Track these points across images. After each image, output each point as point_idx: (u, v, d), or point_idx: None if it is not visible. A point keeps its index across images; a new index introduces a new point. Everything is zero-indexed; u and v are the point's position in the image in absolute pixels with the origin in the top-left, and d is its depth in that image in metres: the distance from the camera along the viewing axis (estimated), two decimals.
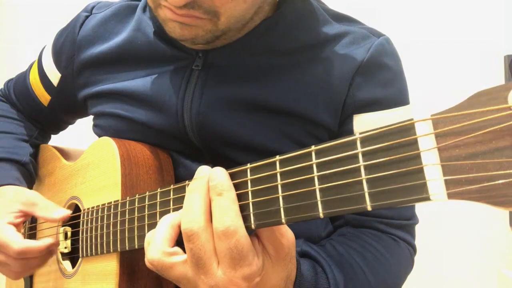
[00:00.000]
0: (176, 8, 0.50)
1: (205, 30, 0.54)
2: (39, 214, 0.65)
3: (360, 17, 0.68)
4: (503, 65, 1.46)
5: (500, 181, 0.24)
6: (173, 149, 0.66)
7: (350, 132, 0.61)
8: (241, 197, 0.39)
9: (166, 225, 0.43)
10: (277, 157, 0.36)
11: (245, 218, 0.38)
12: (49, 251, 0.65)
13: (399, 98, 0.63)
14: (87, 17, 0.73)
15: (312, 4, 0.65)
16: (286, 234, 0.41)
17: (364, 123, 0.61)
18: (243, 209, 0.39)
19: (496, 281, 1.43)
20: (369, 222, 0.61)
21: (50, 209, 0.65)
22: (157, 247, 0.42)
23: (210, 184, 0.40)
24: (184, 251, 0.42)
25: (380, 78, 0.62)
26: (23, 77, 0.84)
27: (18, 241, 0.61)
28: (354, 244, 0.58)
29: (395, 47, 0.65)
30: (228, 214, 0.38)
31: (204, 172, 0.41)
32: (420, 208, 0.65)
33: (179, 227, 0.42)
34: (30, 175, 0.80)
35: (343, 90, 0.60)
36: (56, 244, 0.66)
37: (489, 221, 1.44)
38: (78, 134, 1.00)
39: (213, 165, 0.63)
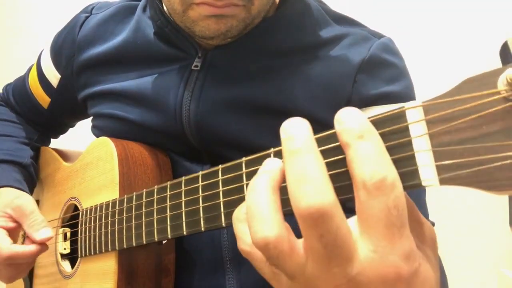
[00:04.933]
0: (216, 0, 0.52)
1: (239, 19, 0.55)
2: (25, 228, 0.64)
3: (359, 16, 0.68)
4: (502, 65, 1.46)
5: (491, 165, 0.24)
6: (171, 149, 0.66)
7: None
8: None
9: (272, 188, 0.29)
10: (272, 149, 0.36)
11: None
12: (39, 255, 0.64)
13: (406, 94, 0.63)
14: (87, 17, 0.73)
15: (312, 5, 0.65)
16: (426, 223, 0.31)
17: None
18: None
19: (495, 281, 1.43)
20: None
21: (35, 227, 0.63)
22: (273, 220, 0.28)
23: (342, 128, 0.28)
24: None
25: (386, 75, 0.61)
26: (21, 81, 0.84)
27: (6, 247, 0.61)
28: None
29: (397, 47, 0.65)
30: (380, 161, 0.26)
31: (301, 123, 0.29)
32: None
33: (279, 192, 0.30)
34: (31, 177, 0.79)
35: (347, 89, 0.60)
36: (45, 248, 0.64)
37: (489, 221, 1.44)
38: (78, 135, 1.01)
39: (211, 166, 0.64)
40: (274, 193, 0.29)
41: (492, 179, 0.24)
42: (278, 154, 0.35)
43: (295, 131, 0.28)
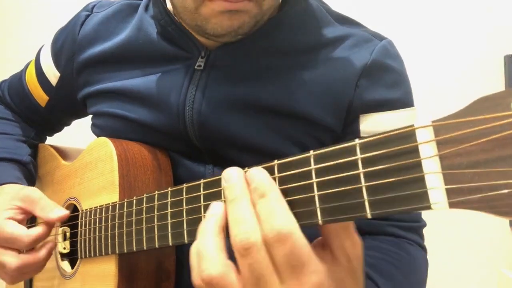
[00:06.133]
0: None
1: (251, 15, 0.55)
2: (37, 213, 0.64)
3: (359, 17, 0.68)
4: (503, 65, 1.45)
5: (505, 191, 0.23)
6: (173, 149, 0.66)
7: (356, 132, 0.61)
8: None
9: (217, 231, 0.36)
10: (276, 162, 0.35)
11: None
12: (47, 256, 0.64)
13: (406, 100, 0.63)
14: (87, 16, 0.72)
15: (315, 6, 0.64)
16: (358, 243, 0.36)
17: (372, 122, 0.61)
18: None
19: (495, 281, 1.43)
20: (381, 227, 0.61)
21: (48, 209, 0.63)
22: (217, 260, 0.34)
23: (250, 188, 0.35)
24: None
25: (387, 80, 0.62)
26: (18, 78, 0.83)
27: (27, 232, 0.61)
28: (378, 254, 0.57)
29: (397, 50, 0.65)
30: (277, 216, 0.32)
31: (236, 176, 0.36)
32: None
33: (224, 233, 0.36)
34: (31, 174, 0.79)
35: (348, 93, 0.60)
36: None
37: (489, 221, 1.44)
38: (77, 133, 1.00)
39: (213, 166, 0.64)
40: (219, 235, 0.36)
41: (504, 204, 0.23)
42: (281, 167, 0.34)
43: (233, 182, 0.36)
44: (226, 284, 0.34)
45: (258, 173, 0.35)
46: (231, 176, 0.36)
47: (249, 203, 0.34)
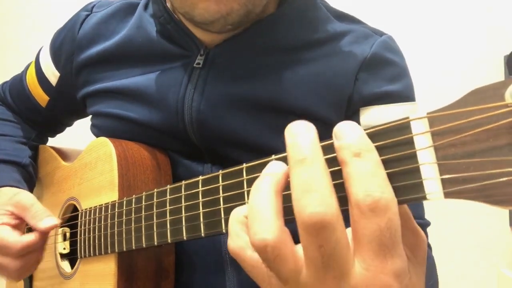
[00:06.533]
0: None
1: (240, 2, 0.54)
2: (28, 221, 0.64)
3: (359, 16, 0.68)
4: (502, 65, 1.45)
5: (500, 180, 0.23)
6: (172, 149, 0.66)
7: None
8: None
9: (274, 191, 0.29)
10: (273, 156, 0.35)
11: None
12: (46, 246, 0.65)
13: (407, 94, 0.63)
14: (87, 15, 0.72)
15: (314, 2, 0.65)
16: (420, 233, 0.31)
17: (372, 115, 0.61)
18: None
19: (495, 281, 1.43)
20: None
21: (38, 217, 0.62)
22: (274, 222, 0.28)
23: (340, 143, 0.28)
24: None
25: (387, 73, 0.61)
26: (19, 79, 0.83)
27: (17, 239, 0.61)
28: None
29: (398, 45, 0.65)
30: (375, 182, 0.26)
31: (305, 130, 0.29)
32: None
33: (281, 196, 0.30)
34: (31, 177, 0.79)
35: (348, 87, 0.60)
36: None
37: (489, 221, 1.44)
38: (76, 134, 1.00)
39: (212, 165, 0.64)
40: (277, 196, 0.29)
41: (499, 194, 0.23)
42: (280, 161, 0.34)
43: (302, 138, 0.28)
44: (284, 254, 0.27)
45: (352, 127, 0.28)
46: (299, 130, 0.29)
47: (325, 168, 0.27)
